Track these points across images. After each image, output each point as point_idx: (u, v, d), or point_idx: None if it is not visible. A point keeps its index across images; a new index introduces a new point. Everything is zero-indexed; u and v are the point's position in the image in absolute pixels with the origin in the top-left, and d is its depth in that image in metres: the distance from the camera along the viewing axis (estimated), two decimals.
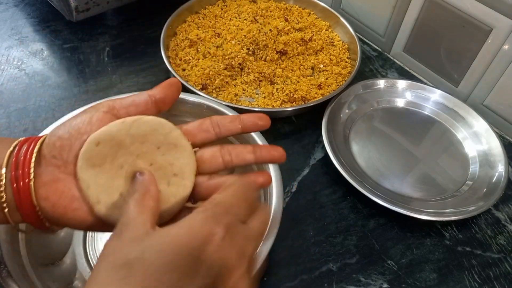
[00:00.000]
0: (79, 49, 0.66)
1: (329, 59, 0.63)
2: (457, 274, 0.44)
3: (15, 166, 0.26)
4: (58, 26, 0.70)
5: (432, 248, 0.46)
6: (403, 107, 0.60)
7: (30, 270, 0.35)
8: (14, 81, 0.60)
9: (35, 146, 0.27)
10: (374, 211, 0.48)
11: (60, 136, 0.27)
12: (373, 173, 0.51)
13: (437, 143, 0.55)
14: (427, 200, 0.49)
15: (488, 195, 0.48)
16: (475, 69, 0.58)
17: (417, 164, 0.53)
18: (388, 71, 0.67)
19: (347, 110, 0.57)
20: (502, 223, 0.48)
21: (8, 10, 0.73)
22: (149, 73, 0.62)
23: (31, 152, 0.26)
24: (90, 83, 0.61)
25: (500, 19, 0.52)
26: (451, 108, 0.58)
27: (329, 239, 0.45)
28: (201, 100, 0.46)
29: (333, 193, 0.50)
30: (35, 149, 0.26)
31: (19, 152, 0.26)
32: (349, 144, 0.54)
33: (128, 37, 0.69)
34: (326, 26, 0.69)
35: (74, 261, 0.41)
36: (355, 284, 0.42)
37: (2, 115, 0.55)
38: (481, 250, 0.46)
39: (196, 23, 0.67)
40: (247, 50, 0.60)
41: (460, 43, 0.58)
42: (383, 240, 0.46)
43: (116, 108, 0.29)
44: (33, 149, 0.26)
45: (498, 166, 0.51)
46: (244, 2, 0.71)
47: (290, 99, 0.57)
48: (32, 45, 0.66)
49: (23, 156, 0.26)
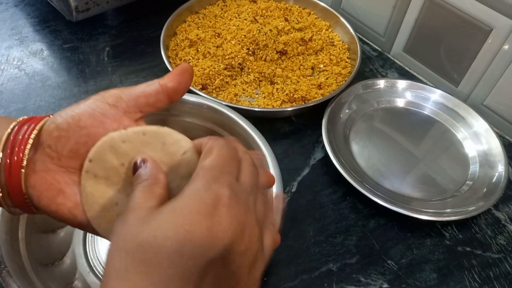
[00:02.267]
0: (79, 49, 0.66)
1: (329, 59, 0.63)
2: (457, 274, 0.44)
3: (11, 150, 0.25)
4: (58, 26, 0.70)
5: (432, 248, 0.45)
6: (403, 107, 0.60)
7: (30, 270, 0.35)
8: (14, 81, 0.60)
9: (32, 131, 0.26)
10: (374, 211, 0.48)
11: (58, 126, 0.26)
12: (373, 173, 0.51)
13: (437, 143, 0.55)
14: (427, 200, 0.49)
15: (488, 195, 0.48)
16: (475, 69, 0.58)
17: (417, 164, 0.53)
18: (388, 71, 0.67)
19: (347, 110, 0.57)
20: (502, 223, 0.48)
21: (8, 10, 0.73)
22: (149, 73, 0.62)
23: (27, 138, 0.25)
24: (90, 83, 0.61)
25: (500, 19, 0.52)
26: (451, 108, 0.58)
27: (329, 239, 0.45)
28: (201, 100, 0.46)
29: (333, 193, 0.50)
30: (31, 135, 0.25)
31: (17, 133, 0.25)
32: (349, 144, 0.54)
33: (128, 37, 0.69)
34: (326, 26, 0.69)
35: (74, 261, 0.41)
36: (355, 284, 0.42)
37: (2, 115, 0.55)
38: (481, 250, 0.46)
39: (196, 23, 0.67)
40: (247, 50, 0.60)
41: (460, 43, 0.58)
42: (383, 240, 0.46)
43: (123, 100, 0.27)
44: (29, 134, 0.25)
45: (498, 166, 0.51)
46: (244, 2, 0.71)
47: (290, 99, 0.57)
48: (32, 45, 0.66)
49: (20, 140, 0.25)
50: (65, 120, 0.26)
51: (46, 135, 0.26)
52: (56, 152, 0.26)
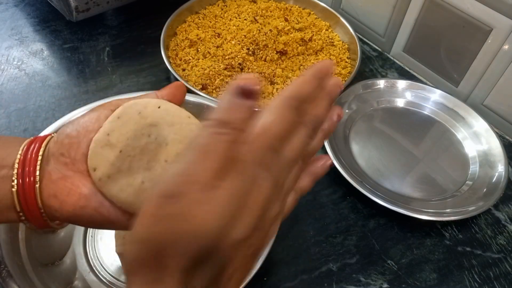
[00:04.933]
0: (79, 49, 0.66)
1: (329, 59, 0.63)
2: (457, 274, 0.44)
3: (22, 168, 0.26)
4: (58, 26, 0.70)
5: (432, 248, 0.45)
6: (403, 107, 0.60)
7: (30, 270, 0.35)
8: (14, 81, 0.60)
9: (40, 148, 0.27)
10: (374, 211, 0.48)
11: (68, 134, 0.27)
12: (373, 173, 0.51)
13: (437, 143, 0.55)
14: (427, 200, 0.49)
15: (488, 195, 0.48)
16: (475, 69, 0.58)
17: (417, 164, 0.53)
18: (388, 71, 0.67)
19: (347, 110, 0.57)
20: (502, 223, 0.48)
21: (8, 10, 0.73)
22: (149, 73, 0.62)
23: (36, 156, 0.26)
24: (90, 83, 0.61)
25: (500, 19, 0.52)
26: (451, 108, 0.58)
27: (329, 239, 0.45)
28: (201, 100, 0.46)
29: (333, 193, 0.50)
30: (39, 152, 0.26)
31: (27, 152, 0.27)
32: (349, 144, 0.54)
33: (128, 37, 0.69)
34: (326, 26, 0.69)
35: (74, 261, 0.41)
36: (355, 284, 0.42)
37: (2, 115, 0.55)
38: (481, 250, 0.46)
39: (196, 23, 0.67)
40: (247, 50, 0.60)
41: (460, 43, 0.58)
42: (383, 240, 0.46)
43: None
44: (37, 153, 0.26)
45: (498, 166, 0.51)
46: (244, 2, 0.71)
47: None
48: (32, 45, 0.66)
49: (29, 158, 0.26)
50: (74, 129, 0.27)
51: (58, 145, 0.27)
52: (70, 157, 0.27)
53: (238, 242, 0.20)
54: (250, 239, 0.21)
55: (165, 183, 0.20)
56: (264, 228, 0.22)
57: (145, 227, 0.20)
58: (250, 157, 0.21)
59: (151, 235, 0.20)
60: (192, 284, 0.20)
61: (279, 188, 0.22)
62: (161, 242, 0.19)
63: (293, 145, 0.22)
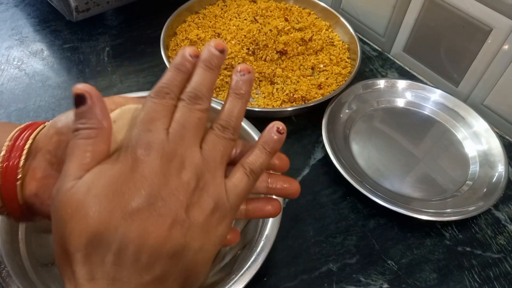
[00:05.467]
0: (79, 49, 0.66)
1: (329, 59, 0.63)
2: (457, 274, 0.44)
3: (7, 157, 0.25)
4: (58, 26, 0.70)
5: (432, 248, 0.46)
6: (403, 107, 0.60)
7: (30, 270, 0.35)
8: (14, 81, 0.60)
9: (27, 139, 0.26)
10: (374, 211, 0.48)
11: (58, 130, 0.26)
12: (373, 173, 0.51)
13: (437, 143, 0.55)
14: (427, 200, 0.49)
15: (488, 195, 0.48)
16: (475, 69, 0.58)
17: (417, 164, 0.53)
18: (388, 71, 0.67)
19: (347, 110, 0.57)
20: (502, 223, 0.48)
21: (9, 10, 0.73)
22: (149, 73, 0.62)
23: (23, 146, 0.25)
24: (90, 83, 0.60)
25: (500, 19, 0.52)
26: (451, 108, 0.58)
27: (329, 239, 0.45)
28: None
29: (333, 193, 0.50)
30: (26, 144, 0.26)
31: (17, 140, 0.26)
32: (349, 144, 0.54)
33: (128, 37, 0.69)
34: (326, 26, 0.69)
35: None
36: (355, 284, 0.42)
37: (2, 115, 0.55)
38: (481, 250, 0.46)
39: (196, 23, 0.67)
40: (247, 50, 0.60)
41: (460, 43, 0.58)
42: (383, 240, 0.46)
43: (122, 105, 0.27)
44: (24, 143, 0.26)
45: (498, 166, 0.51)
46: (244, 2, 0.71)
47: (290, 99, 0.57)
48: (32, 45, 0.67)
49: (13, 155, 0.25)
50: (66, 125, 0.26)
51: (46, 140, 0.26)
52: (56, 157, 0.25)
53: (128, 215, 0.21)
54: (150, 208, 0.21)
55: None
56: (172, 194, 0.22)
57: (53, 226, 0.22)
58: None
59: (55, 231, 0.22)
60: (99, 274, 0.21)
61: (178, 158, 0.23)
62: (61, 237, 0.21)
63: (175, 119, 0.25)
